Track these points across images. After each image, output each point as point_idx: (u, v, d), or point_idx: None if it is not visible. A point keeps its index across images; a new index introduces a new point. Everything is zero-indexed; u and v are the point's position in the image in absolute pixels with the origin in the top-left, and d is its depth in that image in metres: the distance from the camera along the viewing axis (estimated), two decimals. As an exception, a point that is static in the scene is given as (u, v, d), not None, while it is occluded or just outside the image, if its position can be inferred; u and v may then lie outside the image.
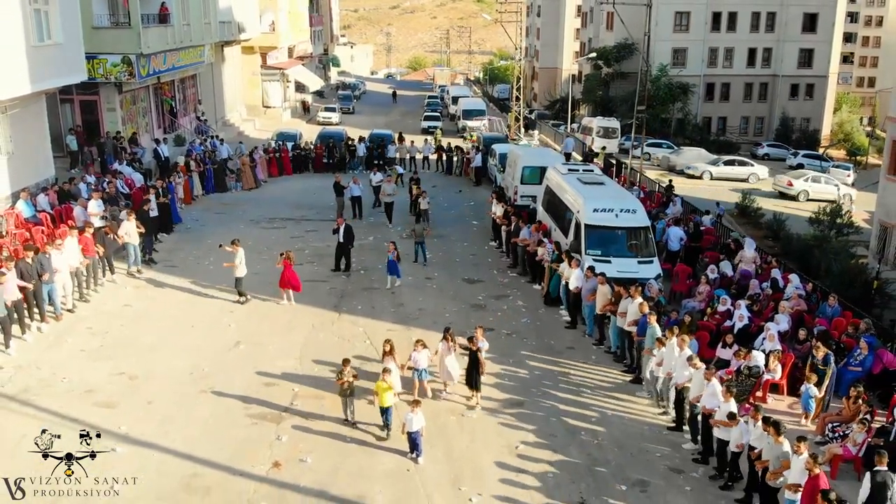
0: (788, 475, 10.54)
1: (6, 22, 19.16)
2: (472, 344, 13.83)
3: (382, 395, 12.52)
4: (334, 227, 21.06)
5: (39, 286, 15.96)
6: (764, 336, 15.13)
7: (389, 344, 13.60)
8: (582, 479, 11.80)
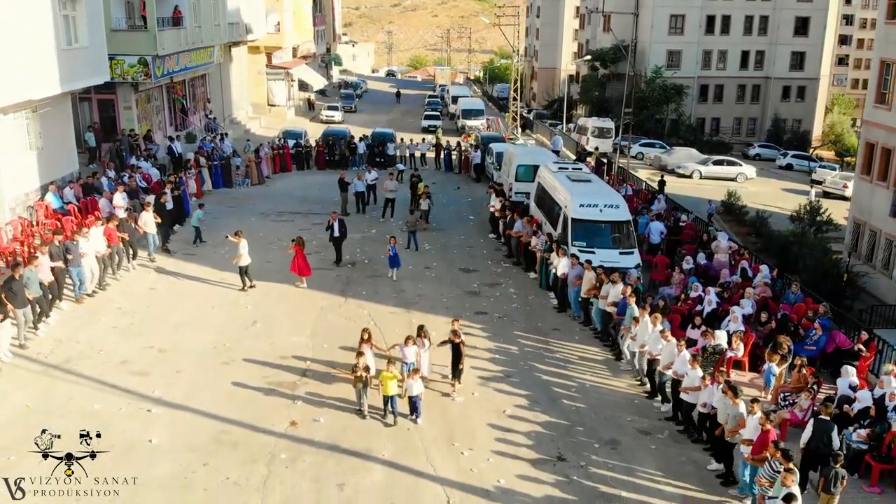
0: (744, 432, 12.16)
1: (39, 28, 20.80)
2: (455, 337, 14.75)
3: (387, 383, 13.45)
4: (328, 223, 22.16)
5: (64, 270, 17.53)
6: (729, 318, 16.78)
7: (367, 332, 14.49)
8: (561, 438, 13.46)
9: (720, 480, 12.56)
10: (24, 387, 14.05)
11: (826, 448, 11.85)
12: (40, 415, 13.15)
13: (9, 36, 19.34)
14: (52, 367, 14.84)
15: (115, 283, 19.27)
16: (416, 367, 14.16)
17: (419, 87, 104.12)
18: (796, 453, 11.76)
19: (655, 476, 12.59)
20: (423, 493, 11.70)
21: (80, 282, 17.90)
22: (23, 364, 14.83)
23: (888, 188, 27.29)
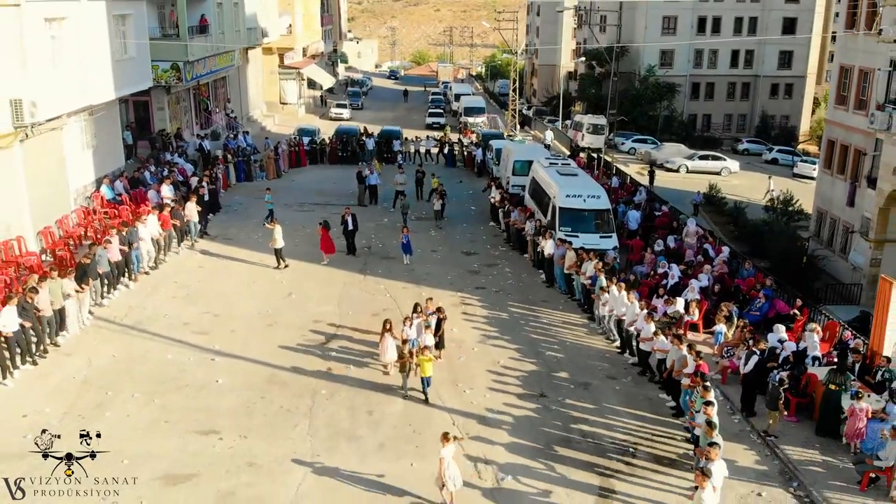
0: (686, 370, 15.40)
1: (100, 43, 24.04)
2: (440, 313, 17.42)
3: (425, 365, 15.39)
4: (342, 218, 24.73)
5: (129, 252, 20.79)
6: (688, 290, 20.03)
7: (389, 322, 16.43)
8: (543, 381, 16.74)
9: (673, 412, 15.81)
10: (108, 342, 17.35)
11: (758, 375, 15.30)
12: (125, 363, 16.48)
13: (77, 52, 22.58)
14: (127, 327, 18.16)
15: (168, 263, 22.54)
16: (412, 354, 15.69)
17: (422, 84, 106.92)
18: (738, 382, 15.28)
19: (617, 408, 15.86)
20: (433, 419, 14.93)
21: (137, 261, 21.15)
22: (104, 325, 18.15)
23: (846, 181, 30.43)
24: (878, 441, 13.90)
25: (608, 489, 13.12)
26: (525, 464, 13.63)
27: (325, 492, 12.57)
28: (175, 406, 14.86)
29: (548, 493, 12.90)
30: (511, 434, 14.57)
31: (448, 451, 11.99)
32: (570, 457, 13.98)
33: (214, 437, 13.90)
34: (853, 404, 14.28)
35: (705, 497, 11.01)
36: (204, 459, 13.20)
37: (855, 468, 13.90)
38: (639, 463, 14.00)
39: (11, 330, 15.25)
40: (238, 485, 12.59)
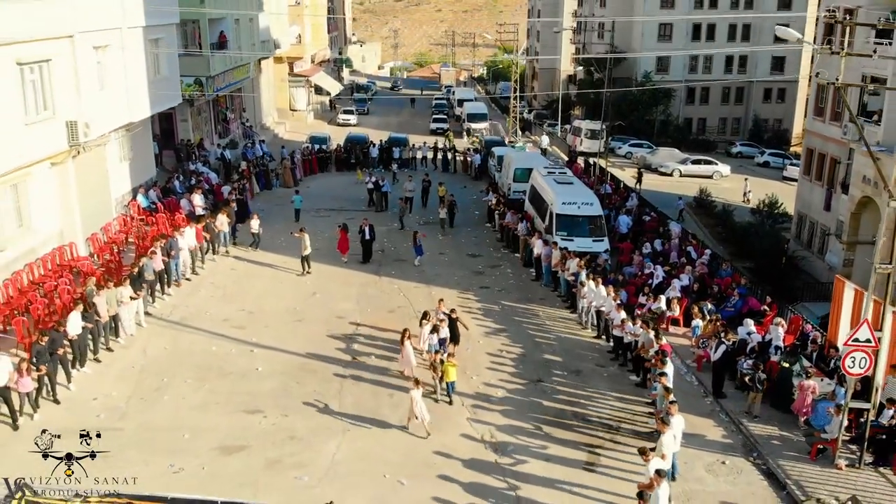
0: (651, 351, 17.82)
1: (138, 65, 26.45)
2: (453, 313, 19.52)
3: (449, 371, 16.96)
4: (360, 228, 26.83)
5: (169, 261, 23.10)
6: (670, 288, 22.41)
7: (408, 331, 17.89)
8: (540, 368, 19.15)
9: (636, 384, 18.38)
10: (159, 336, 19.78)
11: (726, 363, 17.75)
12: (175, 354, 18.90)
13: (119, 74, 25.00)
14: (174, 323, 20.59)
15: (204, 267, 24.92)
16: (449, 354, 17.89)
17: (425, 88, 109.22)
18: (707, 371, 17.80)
19: (604, 392, 18.25)
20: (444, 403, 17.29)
21: (176, 269, 23.44)
22: (153, 321, 20.57)
23: (823, 186, 32.76)
24: (827, 418, 16.28)
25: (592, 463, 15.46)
26: (524, 439, 16.00)
27: (356, 459, 14.95)
28: (222, 390, 17.29)
29: (544, 462, 15.25)
30: (512, 415, 16.93)
31: (417, 393, 15.59)
32: (562, 435, 16.33)
33: (259, 415, 16.31)
34: (802, 381, 16.68)
35: (665, 440, 13.63)
36: (252, 433, 15.61)
37: (805, 440, 16.29)
38: (621, 438, 16.38)
39: (76, 333, 17.47)
40: (283, 454, 14.99)
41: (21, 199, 21.02)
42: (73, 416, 15.81)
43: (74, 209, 22.97)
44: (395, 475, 14.34)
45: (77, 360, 17.59)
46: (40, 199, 21.72)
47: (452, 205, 31.51)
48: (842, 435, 15.87)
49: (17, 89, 19.46)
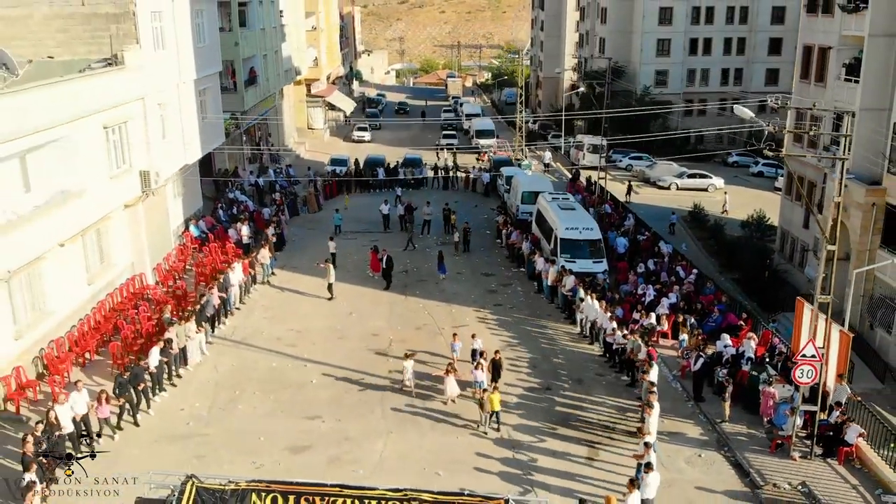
0: (640, 355, 21.37)
1: (190, 114, 30.10)
2: (496, 354, 22.38)
3: (494, 400, 19.40)
4: (379, 257, 30.02)
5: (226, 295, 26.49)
6: (660, 306, 25.92)
7: (451, 365, 20.98)
8: (547, 375, 22.73)
9: (626, 384, 21.97)
10: (226, 355, 23.41)
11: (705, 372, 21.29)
12: (242, 370, 22.51)
13: (176, 124, 28.65)
14: (237, 342, 24.24)
15: (253, 293, 28.45)
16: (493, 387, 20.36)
17: (432, 97, 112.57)
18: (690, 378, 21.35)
19: (603, 397, 21.76)
20: (471, 406, 20.68)
21: (230, 302, 26.78)
22: (219, 342, 24.20)
23: (801, 206, 36.16)
24: (785, 418, 19.75)
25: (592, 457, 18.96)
26: (534, 438, 19.53)
27: (400, 456, 18.49)
28: (285, 400, 20.90)
29: (551, 458, 18.78)
30: (525, 417, 20.47)
31: (409, 363, 20.97)
32: (567, 434, 19.84)
33: (318, 420, 19.90)
34: (765, 388, 20.19)
35: (651, 421, 17.72)
36: (314, 436, 19.19)
37: (766, 437, 19.78)
38: (617, 437, 19.86)
39: (155, 366, 20.61)
40: (340, 452, 18.56)
41: (102, 239, 24.64)
42: (167, 424, 19.49)
43: (143, 244, 26.60)
44: (432, 468, 17.87)
45: (156, 388, 20.75)
46: (116, 237, 25.35)
47: (467, 231, 34.95)
48: (797, 432, 19.36)
49: (104, 149, 23.09)
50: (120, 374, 19.60)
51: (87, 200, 21.71)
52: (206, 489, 11.39)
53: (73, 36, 24.21)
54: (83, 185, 21.54)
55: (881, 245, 29.64)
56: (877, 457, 18.74)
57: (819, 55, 35.15)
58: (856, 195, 30.19)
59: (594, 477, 17.94)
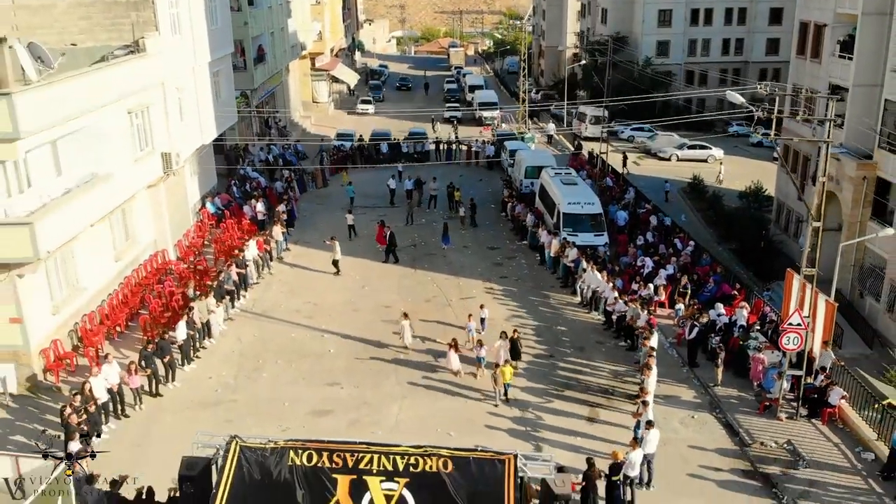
0: (639, 322, 22.77)
1: (205, 97, 31.17)
2: (515, 333, 23.47)
3: (506, 372, 20.70)
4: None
5: (245, 273, 27.83)
6: (657, 277, 27.26)
7: (455, 340, 21.95)
8: (550, 343, 24.16)
9: (626, 348, 23.44)
10: (248, 326, 24.85)
11: (699, 340, 22.66)
12: (263, 341, 23.95)
13: (194, 107, 29.74)
14: (257, 314, 25.67)
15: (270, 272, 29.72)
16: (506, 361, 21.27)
17: (435, 67, 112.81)
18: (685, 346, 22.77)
19: (603, 364, 23.21)
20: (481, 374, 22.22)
21: (247, 278, 28.10)
22: (241, 315, 25.63)
23: (797, 178, 37.28)
24: (773, 381, 21.18)
25: (593, 417, 20.43)
26: (540, 400, 21.00)
27: (415, 418, 19.98)
28: (306, 368, 22.37)
29: (555, 417, 20.26)
30: (531, 381, 21.92)
31: (406, 322, 22.99)
32: (570, 396, 21.33)
33: (337, 387, 21.39)
34: (755, 354, 21.59)
35: (650, 381, 19.35)
36: (334, 401, 20.68)
37: (755, 399, 21.24)
38: (616, 399, 21.32)
39: (182, 339, 22.10)
40: (360, 416, 20.05)
41: (127, 218, 25.93)
42: (198, 392, 20.99)
43: (165, 221, 27.90)
44: (445, 429, 19.35)
45: (184, 360, 22.18)
46: (140, 216, 26.65)
47: (474, 206, 36.17)
48: (784, 394, 20.81)
49: (129, 133, 24.27)
50: (144, 348, 20.94)
51: (115, 183, 22.94)
52: (248, 448, 12.81)
53: (94, 23, 25.22)
54: (111, 169, 22.76)
55: (872, 217, 30.91)
56: (858, 417, 20.18)
57: (815, 31, 36.01)
58: (847, 169, 31.36)
59: (595, 435, 19.42)
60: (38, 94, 18.64)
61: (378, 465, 12.59)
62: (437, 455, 12.82)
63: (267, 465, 12.59)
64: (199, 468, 13.45)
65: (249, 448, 12.82)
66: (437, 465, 12.66)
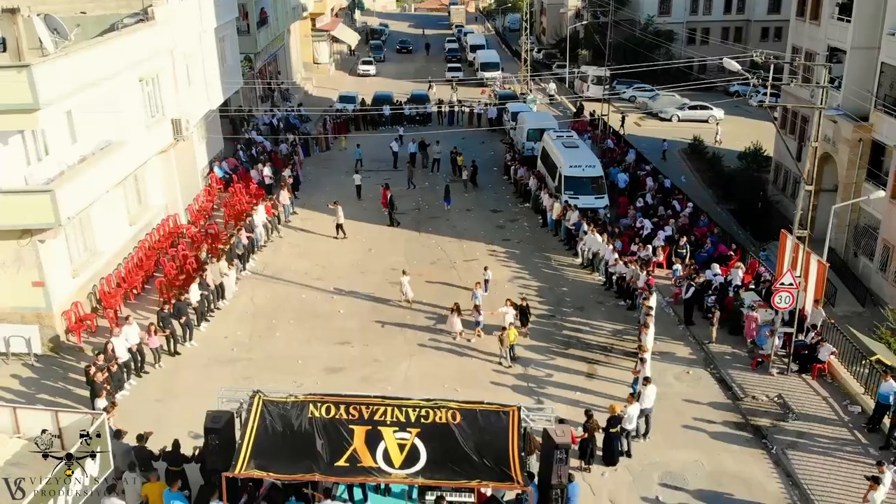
0: (639, 283, 23.66)
1: (211, 62, 31.57)
2: (523, 301, 24.27)
3: (512, 335, 21.59)
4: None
5: (254, 236, 28.55)
6: (656, 238, 28.04)
7: (457, 304, 22.74)
8: (552, 304, 25.05)
9: (627, 307, 24.35)
10: (258, 288, 25.73)
11: (695, 299, 23.54)
12: (276, 302, 24.84)
13: (200, 72, 30.18)
14: (268, 276, 26.54)
15: (279, 235, 30.49)
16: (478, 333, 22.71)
17: (436, 26, 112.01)
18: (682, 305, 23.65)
19: (602, 323, 24.13)
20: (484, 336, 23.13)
21: (257, 241, 28.84)
22: (252, 277, 26.48)
23: (795, 140, 37.79)
24: (765, 338, 22.09)
25: (592, 374, 21.41)
26: (542, 358, 21.96)
27: (422, 375, 20.94)
28: (318, 327, 23.30)
29: (556, 373, 21.23)
30: (533, 339, 22.85)
31: (406, 279, 24.31)
32: (570, 353, 22.28)
33: (348, 346, 22.34)
34: (748, 312, 22.48)
35: (647, 338, 20.35)
36: (346, 358, 21.64)
37: (748, 355, 22.19)
38: (614, 356, 22.28)
39: (196, 300, 23.01)
40: (371, 372, 21.01)
41: (140, 183, 26.63)
42: (215, 350, 21.95)
43: (176, 186, 28.59)
44: (451, 384, 20.31)
45: (199, 320, 23.10)
46: (152, 181, 27.33)
47: (475, 168, 36.88)
48: (775, 351, 21.74)
49: (141, 100, 24.83)
50: (161, 309, 21.88)
51: (130, 150, 23.57)
52: (271, 402, 13.72)
53: (103, -9, 25.62)
54: (125, 136, 23.38)
55: (867, 178, 31.52)
56: (846, 372, 21.13)
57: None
58: (844, 131, 31.86)
59: (594, 390, 20.41)
60: (55, 64, 19.18)
61: (391, 417, 13.52)
62: (446, 407, 13.74)
63: (288, 418, 13.53)
64: (223, 421, 14.38)
65: (272, 401, 13.73)
66: (447, 416, 13.59)
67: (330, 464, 13.02)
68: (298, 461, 13.06)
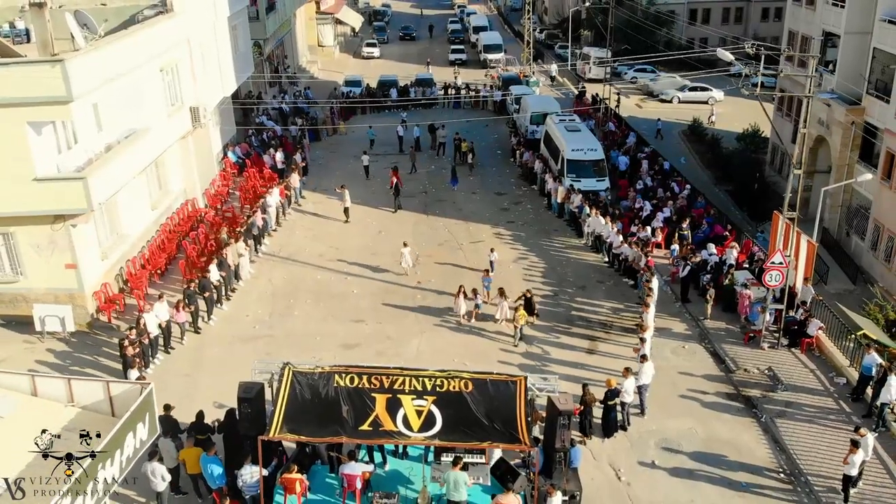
0: (640, 263, 24.91)
1: (225, 49, 32.58)
2: (528, 293, 24.78)
3: (521, 317, 22.67)
4: (391, 182, 32.81)
5: (266, 217, 29.74)
6: (655, 219, 29.21)
7: (462, 287, 23.61)
8: (555, 284, 26.29)
9: (630, 286, 25.58)
10: (276, 269, 27.00)
11: (691, 277, 24.77)
12: (293, 282, 26.12)
13: (215, 60, 31.22)
14: (284, 258, 27.79)
15: (292, 216, 31.72)
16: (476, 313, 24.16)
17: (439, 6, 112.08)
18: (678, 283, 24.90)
19: (603, 301, 25.39)
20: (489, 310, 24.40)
21: (269, 223, 30.00)
22: (268, 258, 27.74)
23: (791, 122, 38.81)
24: (757, 314, 23.35)
25: (592, 350, 22.72)
26: (545, 335, 23.24)
27: (433, 350, 22.25)
28: (333, 307, 24.59)
29: (559, 348, 22.53)
30: (538, 317, 24.13)
31: (406, 250, 26.02)
32: (572, 331, 23.56)
33: (363, 323, 23.64)
34: (742, 290, 23.73)
35: (648, 317, 21.61)
36: (361, 335, 22.95)
37: (740, 331, 23.47)
38: (613, 332, 23.57)
39: (215, 280, 24.25)
40: (384, 348, 22.32)
41: (160, 169, 27.80)
42: (237, 328, 23.27)
43: (194, 171, 29.76)
44: (461, 359, 21.60)
45: (221, 298, 24.37)
46: (171, 167, 28.50)
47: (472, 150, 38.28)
48: (767, 326, 23.00)
49: (161, 90, 25.93)
50: (187, 287, 23.19)
51: (153, 137, 24.74)
52: (300, 372, 15.02)
53: (123, -17, 26.63)
54: (148, 124, 24.52)
55: (859, 160, 32.62)
56: (833, 346, 22.41)
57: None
58: (837, 114, 32.92)
59: (594, 365, 21.71)
60: (86, 58, 20.29)
61: (409, 386, 14.86)
62: (459, 378, 15.08)
63: (316, 387, 14.86)
64: (255, 392, 15.71)
65: (301, 372, 15.05)
66: (459, 385, 14.93)
67: (355, 428, 14.37)
68: (326, 426, 14.40)
